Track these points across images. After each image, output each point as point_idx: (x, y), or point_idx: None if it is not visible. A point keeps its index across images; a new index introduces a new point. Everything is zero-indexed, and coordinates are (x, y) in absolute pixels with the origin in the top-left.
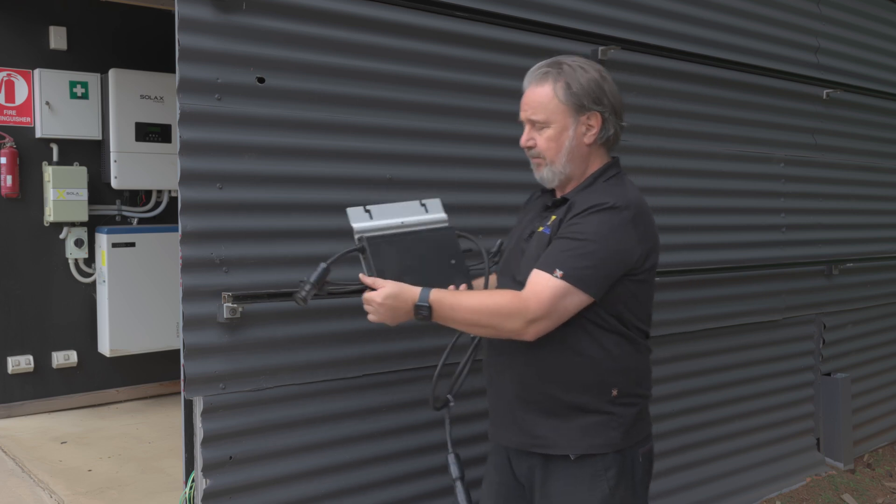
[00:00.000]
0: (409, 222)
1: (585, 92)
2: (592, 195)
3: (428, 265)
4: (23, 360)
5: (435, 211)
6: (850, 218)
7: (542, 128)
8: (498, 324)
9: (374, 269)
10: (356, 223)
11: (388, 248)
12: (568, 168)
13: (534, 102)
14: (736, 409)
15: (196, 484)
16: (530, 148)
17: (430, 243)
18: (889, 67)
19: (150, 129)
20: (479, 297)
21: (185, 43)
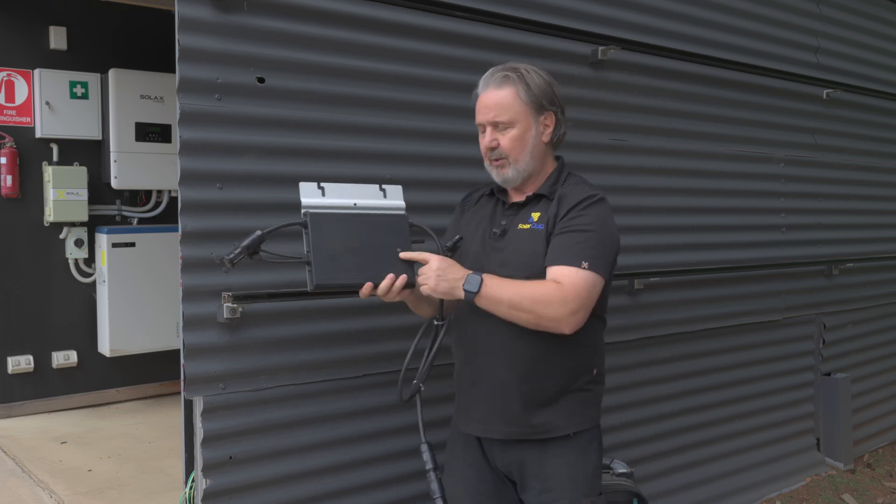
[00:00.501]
0: (363, 205)
1: (542, 93)
2: (576, 189)
3: (370, 250)
4: (23, 360)
5: (394, 197)
6: (850, 218)
7: (506, 128)
8: (540, 311)
9: (310, 245)
10: (305, 198)
11: (331, 227)
12: (531, 166)
13: (497, 105)
14: (736, 409)
15: (196, 484)
16: (493, 149)
17: (378, 229)
18: (889, 67)
19: (150, 129)
20: (522, 283)
21: (185, 43)
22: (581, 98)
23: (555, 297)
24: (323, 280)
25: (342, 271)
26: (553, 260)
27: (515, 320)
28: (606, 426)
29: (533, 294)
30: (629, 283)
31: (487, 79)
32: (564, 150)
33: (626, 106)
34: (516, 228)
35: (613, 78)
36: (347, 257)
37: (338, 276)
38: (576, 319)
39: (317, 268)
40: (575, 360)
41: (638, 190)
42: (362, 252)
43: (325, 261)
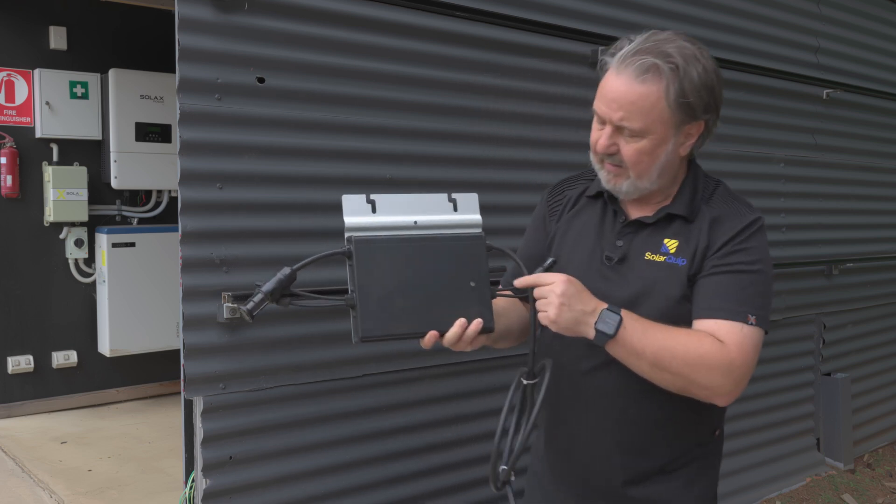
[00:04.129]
0: (427, 223)
1: (699, 97)
2: (730, 210)
3: (435, 286)
4: (23, 360)
5: (467, 210)
6: (850, 218)
7: (635, 136)
8: (696, 377)
9: (355, 283)
10: (350, 216)
11: (384, 257)
12: (656, 185)
13: (631, 104)
14: (736, 408)
15: (196, 484)
16: (612, 154)
17: (446, 256)
18: (889, 67)
19: (150, 129)
20: (675, 333)
21: (185, 43)
22: (581, 98)
23: (719, 361)
24: (372, 331)
25: (398, 316)
26: (709, 311)
27: (655, 379)
28: None
29: (688, 353)
30: None
31: (626, 58)
32: (564, 151)
33: None
34: (642, 258)
35: None
36: (405, 297)
37: (392, 323)
38: (738, 391)
39: (364, 314)
40: (700, 420)
41: None
42: (425, 288)
43: (376, 304)
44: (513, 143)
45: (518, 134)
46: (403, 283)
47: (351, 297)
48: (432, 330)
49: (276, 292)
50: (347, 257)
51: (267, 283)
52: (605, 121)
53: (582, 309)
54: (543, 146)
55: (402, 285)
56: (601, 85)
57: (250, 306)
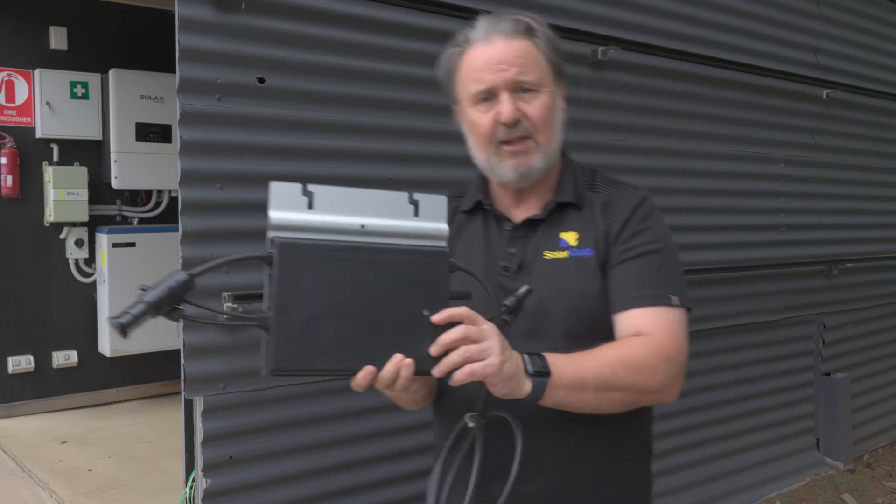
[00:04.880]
0: (377, 228)
1: (558, 54)
2: (618, 191)
3: (378, 311)
4: (23, 359)
5: (431, 216)
6: (850, 218)
7: (534, 92)
8: (642, 382)
9: (273, 298)
10: (278, 211)
11: (314, 268)
12: (556, 155)
13: (518, 58)
14: (736, 408)
15: (196, 484)
16: (517, 123)
17: (397, 273)
18: (889, 67)
19: (150, 129)
20: (600, 351)
21: (186, 43)
22: (581, 98)
23: (657, 358)
24: (288, 363)
25: (324, 347)
26: (630, 301)
27: (601, 406)
28: None
29: (626, 362)
30: None
31: (487, 27)
32: None
33: (626, 106)
34: (541, 258)
35: (613, 78)
36: (337, 321)
37: (315, 354)
38: (680, 381)
39: (279, 339)
40: (640, 438)
41: None
42: (364, 313)
43: (297, 327)
44: None
45: None
46: (337, 303)
47: (265, 315)
48: (369, 365)
49: (162, 304)
50: (267, 263)
51: (152, 291)
52: (494, 92)
53: (516, 356)
54: None
55: (335, 306)
56: (469, 63)
57: (125, 320)
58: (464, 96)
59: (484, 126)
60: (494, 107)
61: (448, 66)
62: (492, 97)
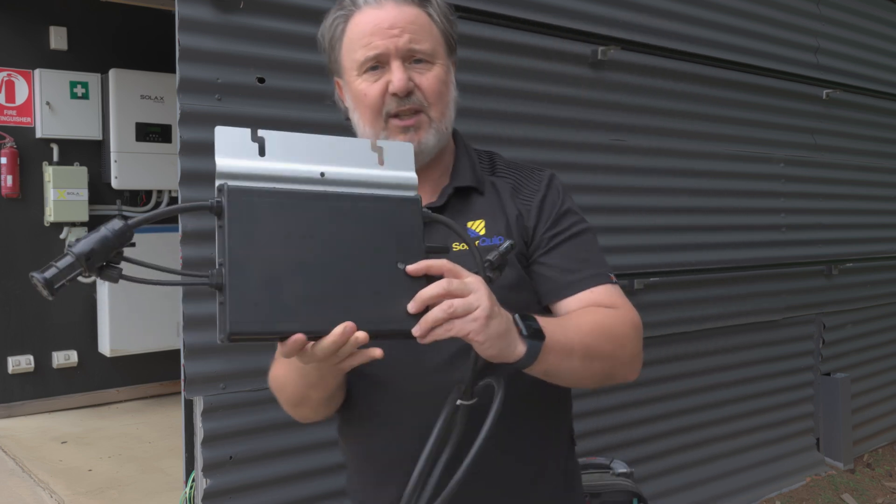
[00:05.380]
0: (338, 176)
1: (452, 26)
2: (521, 174)
3: (345, 265)
4: (23, 359)
5: (397, 165)
6: (850, 218)
7: (427, 62)
8: (621, 351)
9: (225, 253)
10: (227, 158)
11: (271, 219)
12: (448, 133)
13: (411, 23)
14: (735, 408)
15: (196, 484)
16: (409, 94)
17: (365, 223)
18: (889, 67)
19: (150, 129)
20: (579, 317)
21: (186, 43)
22: (581, 98)
23: (629, 326)
24: (246, 325)
25: (286, 307)
26: (577, 284)
27: (583, 379)
28: (608, 426)
29: (605, 329)
30: (629, 283)
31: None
32: (564, 151)
33: (626, 106)
34: (451, 251)
35: (613, 78)
36: (299, 277)
37: (276, 315)
38: (641, 356)
39: (235, 300)
40: (564, 427)
41: (638, 190)
42: (330, 267)
43: (255, 286)
44: (513, 143)
45: (518, 134)
46: (299, 257)
47: (217, 273)
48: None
49: (94, 255)
50: (216, 214)
51: (82, 241)
52: (384, 59)
53: (506, 314)
54: (544, 146)
55: (297, 261)
56: (357, 27)
57: (50, 275)
58: (349, 64)
59: (372, 96)
60: (384, 76)
61: (332, 31)
62: (381, 65)
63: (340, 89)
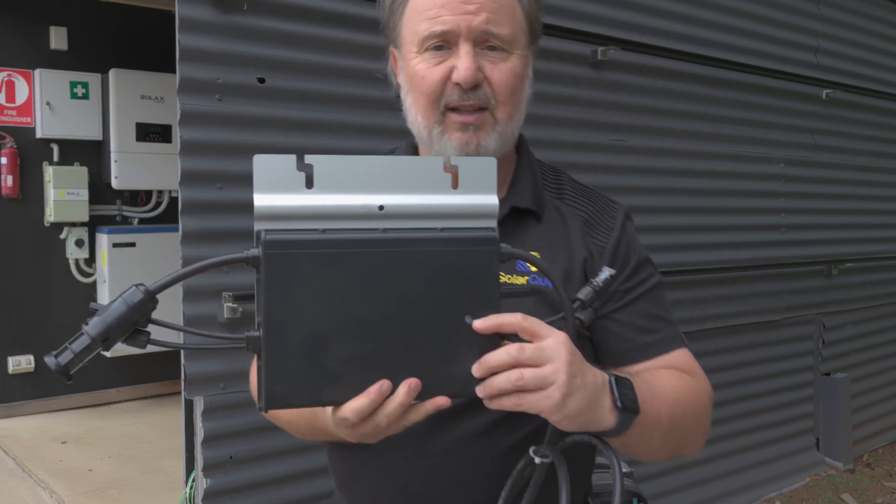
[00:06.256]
0: (401, 208)
1: (539, 7)
2: (595, 205)
3: (404, 322)
4: (23, 359)
5: (475, 187)
6: (850, 218)
7: (503, 51)
8: (696, 428)
9: (263, 313)
10: (267, 194)
11: (315, 271)
12: (514, 138)
13: (491, 0)
14: (735, 408)
15: (196, 484)
16: (477, 87)
17: (429, 270)
18: (889, 67)
19: (150, 129)
20: (665, 380)
21: (186, 43)
22: (581, 98)
23: (707, 400)
24: (286, 398)
25: (333, 373)
26: (653, 347)
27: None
28: None
29: (689, 400)
30: None
31: None
32: (564, 151)
33: (626, 106)
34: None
35: (613, 78)
36: (349, 339)
37: (321, 384)
38: None
39: (273, 366)
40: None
41: (638, 190)
42: (385, 325)
43: (297, 350)
44: None
45: None
46: (348, 315)
47: (255, 335)
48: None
49: (114, 333)
50: (253, 267)
51: (98, 318)
52: (451, 38)
53: (593, 380)
54: (544, 146)
55: (346, 319)
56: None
57: (65, 360)
58: (409, 37)
59: (431, 82)
60: (448, 59)
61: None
62: (448, 45)
63: (395, 62)
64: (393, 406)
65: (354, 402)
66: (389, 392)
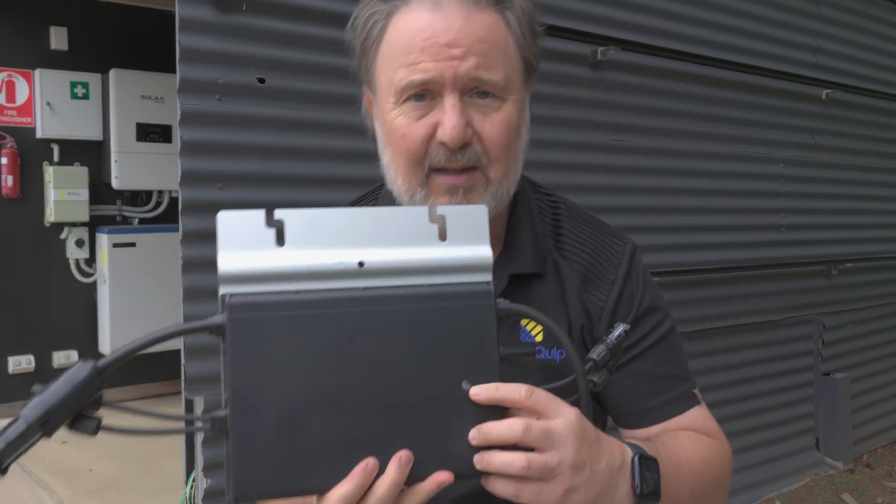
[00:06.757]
0: (381, 264)
1: (535, 38)
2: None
3: (391, 393)
4: (23, 359)
5: (465, 237)
6: (850, 218)
7: (494, 100)
8: (717, 496)
9: (229, 388)
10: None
11: (287, 339)
12: (511, 193)
13: (481, 41)
14: (735, 409)
15: (196, 484)
16: (466, 146)
17: (416, 332)
18: (889, 67)
19: (150, 129)
20: (686, 449)
21: (186, 43)
22: (581, 98)
23: (728, 465)
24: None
25: (309, 455)
26: (662, 410)
27: None
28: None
29: (710, 468)
30: None
31: None
32: (563, 151)
33: (626, 106)
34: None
35: (613, 78)
36: (329, 414)
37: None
38: None
39: (241, 452)
40: None
41: (638, 190)
42: (370, 397)
43: (268, 430)
44: None
45: None
46: (327, 387)
47: (221, 414)
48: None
49: (55, 416)
50: (217, 335)
51: (36, 400)
52: (435, 89)
53: (608, 465)
54: (544, 146)
55: (324, 392)
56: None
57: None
58: (384, 85)
59: (412, 140)
60: (432, 113)
61: (365, 31)
62: (430, 95)
63: (370, 104)
64: (384, 487)
65: (339, 489)
66: (377, 471)
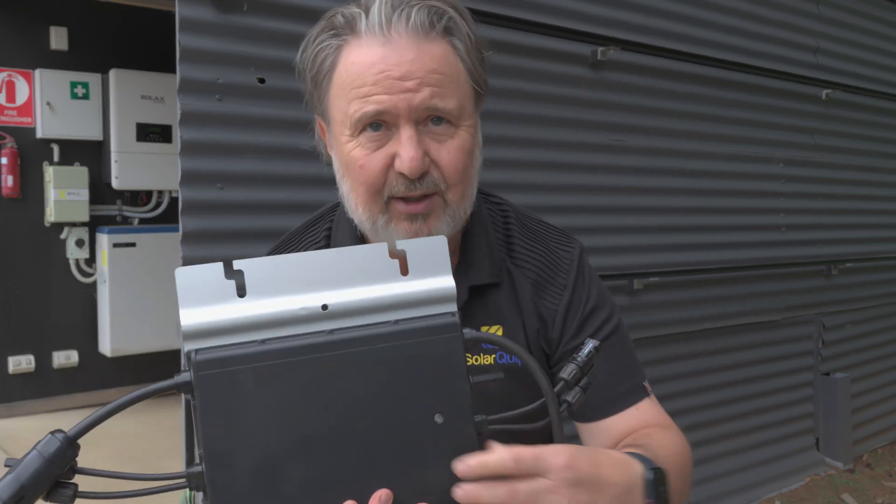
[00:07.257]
0: (344, 305)
1: (483, 62)
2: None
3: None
4: (23, 359)
5: (427, 270)
6: (850, 218)
7: (448, 126)
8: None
9: (202, 443)
10: (193, 308)
11: (255, 391)
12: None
13: (433, 72)
14: (735, 408)
15: None
16: (424, 175)
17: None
18: (889, 67)
19: (150, 129)
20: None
21: (186, 43)
22: (581, 98)
23: (687, 449)
24: None
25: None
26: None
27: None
28: None
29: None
30: (629, 283)
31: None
32: (563, 151)
33: (626, 106)
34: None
35: (613, 78)
36: (302, 463)
37: None
38: None
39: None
40: None
41: (638, 190)
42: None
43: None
44: (512, 144)
45: (518, 134)
46: (300, 432)
47: (197, 470)
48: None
49: (29, 493)
50: (185, 392)
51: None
52: (390, 119)
53: (614, 495)
54: (544, 146)
55: (297, 440)
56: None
57: None
58: (338, 117)
59: (370, 171)
60: (388, 143)
61: (316, 65)
62: (385, 125)
63: (323, 133)
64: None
65: None
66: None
